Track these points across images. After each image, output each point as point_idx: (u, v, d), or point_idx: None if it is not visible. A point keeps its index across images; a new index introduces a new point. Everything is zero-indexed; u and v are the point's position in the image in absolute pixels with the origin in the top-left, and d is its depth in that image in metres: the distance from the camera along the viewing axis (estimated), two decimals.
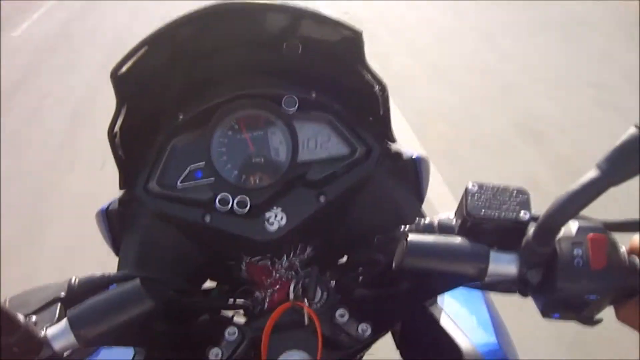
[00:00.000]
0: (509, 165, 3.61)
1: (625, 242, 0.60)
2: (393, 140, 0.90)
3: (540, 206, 0.60)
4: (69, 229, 3.30)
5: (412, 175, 0.92)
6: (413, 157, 0.92)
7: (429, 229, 0.69)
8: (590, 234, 0.58)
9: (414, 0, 7.26)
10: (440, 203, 3.05)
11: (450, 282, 0.69)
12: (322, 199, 0.85)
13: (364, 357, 0.88)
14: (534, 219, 0.62)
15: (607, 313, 0.59)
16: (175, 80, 0.89)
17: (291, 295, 0.77)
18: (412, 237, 0.62)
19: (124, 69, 0.78)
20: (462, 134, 4.03)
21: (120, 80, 0.79)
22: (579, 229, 0.58)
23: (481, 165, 3.62)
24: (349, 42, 0.81)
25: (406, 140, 3.80)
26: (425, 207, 0.91)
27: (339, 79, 0.89)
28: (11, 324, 0.57)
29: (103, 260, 1.33)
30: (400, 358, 0.96)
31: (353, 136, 0.89)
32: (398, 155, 0.91)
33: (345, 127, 0.89)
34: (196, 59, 0.88)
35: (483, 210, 0.62)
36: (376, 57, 4.93)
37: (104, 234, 0.94)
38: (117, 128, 0.82)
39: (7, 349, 0.59)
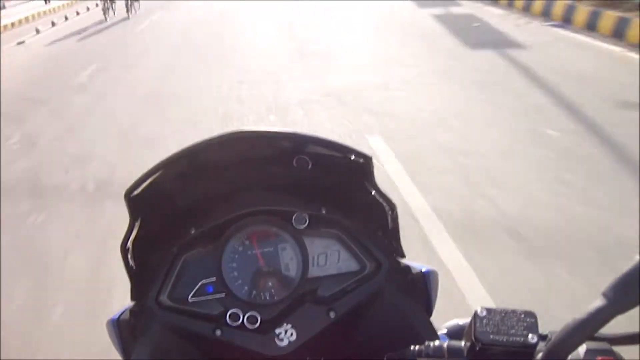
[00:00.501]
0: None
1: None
2: (402, 256, 0.92)
3: None
4: None
5: (421, 289, 0.93)
6: (422, 270, 0.93)
7: (438, 352, 0.69)
8: (599, 358, 0.58)
9: None
10: None
11: None
12: (332, 314, 0.86)
13: None
14: (542, 338, 0.62)
15: None
16: (187, 195, 0.92)
17: None
18: None
19: (137, 191, 0.81)
20: None
21: (134, 200, 0.82)
22: (587, 352, 0.59)
23: None
24: (358, 164, 0.85)
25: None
26: None
27: (348, 194, 0.92)
28: None
29: None
30: None
31: (362, 252, 0.90)
32: (407, 269, 0.92)
33: (355, 243, 0.90)
34: (209, 174, 0.92)
35: (491, 336, 0.63)
36: None
37: (115, 343, 0.93)
38: (129, 243, 0.85)
39: None
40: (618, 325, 0.60)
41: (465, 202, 3.70)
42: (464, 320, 0.87)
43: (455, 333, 0.89)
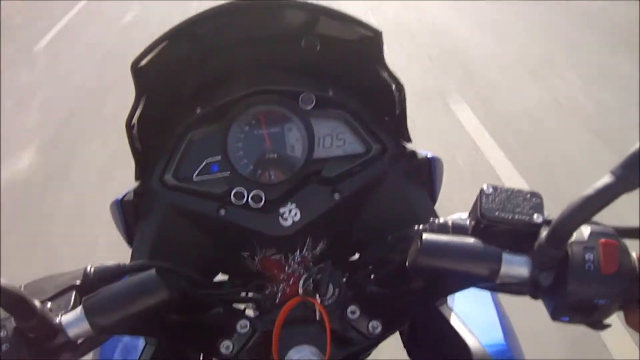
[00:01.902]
0: None
1: (637, 248, 0.60)
2: (408, 140, 0.91)
3: None
4: None
5: (425, 174, 0.93)
6: (427, 156, 0.93)
7: (442, 229, 0.69)
8: (602, 239, 0.58)
9: None
10: None
11: (462, 282, 0.70)
12: (336, 195, 0.86)
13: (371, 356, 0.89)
14: (546, 222, 0.62)
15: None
16: (194, 74, 0.90)
17: (300, 291, 0.78)
18: (426, 236, 0.62)
19: (144, 61, 0.79)
20: None
21: (140, 73, 0.80)
22: (591, 234, 0.59)
23: None
24: (368, 41, 0.81)
25: None
26: None
27: (356, 77, 0.89)
28: (27, 309, 0.59)
29: None
30: (408, 357, 0.97)
31: (369, 134, 0.89)
32: (412, 154, 0.92)
33: (361, 126, 0.89)
34: (215, 54, 0.89)
35: (497, 213, 0.63)
36: None
37: (118, 224, 0.95)
38: (134, 120, 0.83)
39: (23, 333, 0.60)
40: None
41: None
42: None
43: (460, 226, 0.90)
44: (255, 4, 0.80)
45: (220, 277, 0.97)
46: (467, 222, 0.68)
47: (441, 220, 0.71)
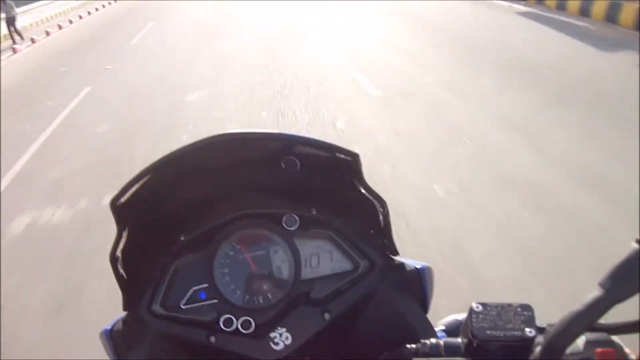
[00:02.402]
0: None
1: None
2: (395, 253, 0.91)
3: None
4: None
5: (416, 285, 0.92)
6: (417, 267, 0.92)
7: (435, 350, 0.68)
8: (598, 349, 0.57)
9: None
10: None
11: None
12: (326, 316, 0.85)
13: None
14: (539, 330, 0.62)
15: None
16: (175, 201, 0.91)
17: None
18: None
19: (123, 198, 0.79)
20: None
21: (120, 209, 0.80)
22: (586, 344, 0.58)
23: None
24: (346, 163, 0.84)
25: None
26: None
27: (338, 195, 0.91)
28: None
29: None
30: None
31: (355, 251, 0.89)
32: (401, 267, 0.91)
33: (347, 243, 0.90)
34: (197, 180, 0.91)
35: (488, 331, 0.62)
36: None
37: (108, 354, 0.92)
38: (118, 252, 0.83)
39: None
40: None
41: None
42: (462, 315, 0.86)
43: (453, 329, 0.88)
44: (236, 137, 0.83)
45: None
46: (460, 340, 0.67)
47: (433, 341, 0.70)
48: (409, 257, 0.91)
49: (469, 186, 4.06)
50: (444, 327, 0.91)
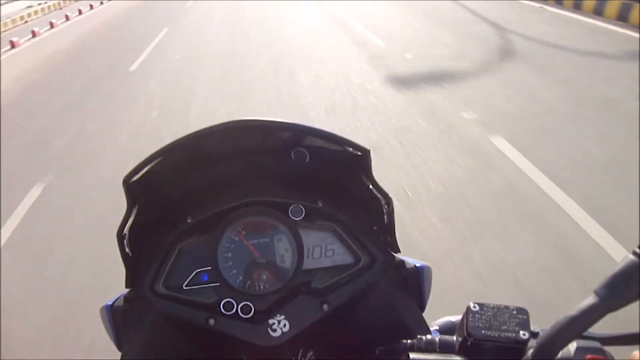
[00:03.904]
0: None
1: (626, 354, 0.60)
2: (397, 251, 0.92)
3: None
4: None
5: (415, 284, 0.94)
6: (416, 266, 0.94)
7: (430, 346, 0.69)
8: (588, 356, 0.59)
9: None
10: None
11: None
12: (325, 307, 0.86)
13: None
14: (533, 335, 0.63)
15: None
16: (185, 184, 0.93)
17: None
18: (413, 356, 0.63)
19: (136, 177, 0.82)
20: None
21: (132, 186, 0.82)
22: (577, 350, 0.60)
23: None
24: (356, 157, 0.85)
25: None
26: None
27: (345, 189, 0.92)
28: None
29: None
30: None
31: (357, 245, 0.91)
32: (401, 264, 0.93)
33: (350, 237, 0.91)
34: (207, 165, 0.92)
35: (483, 331, 0.63)
36: None
37: (108, 329, 0.94)
38: (126, 229, 0.85)
39: None
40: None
41: None
42: (456, 317, 0.88)
43: (446, 330, 0.90)
44: (250, 124, 0.84)
45: None
46: (455, 338, 0.68)
47: (429, 337, 0.71)
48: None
49: None
50: (437, 327, 0.93)
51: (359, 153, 0.84)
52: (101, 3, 19.08)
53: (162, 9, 16.59)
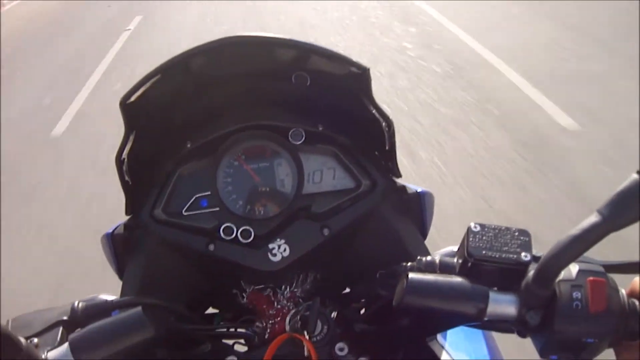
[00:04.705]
0: None
1: (626, 283, 0.60)
2: (398, 176, 0.91)
3: None
4: None
5: (416, 209, 0.93)
6: (417, 191, 0.93)
7: (430, 267, 0.69)
8: (590, 277, 0.58)
9: None
10: None
11: (450, 321, 0.70)
12: (325, 231, 0.86)
13: None
14: (535, 259, 0.62)
15: None
16: (184, 108, 0.91)
17: (287, 327, 0.77)
18: (413, 275, 0.62)
19: (133, 97, 0.79)
20: None
21: (129, 108, 0.80)
22: (579, 272, 0.59)
23: None
24: (356, 77, 0.82)
25: None
26: None
27: (346, 113, 0.90)
28: (12, 345, 0.58)
29: None
30: None
31: (358, 170, 0.90)
32: (402, 190, 0.92)
33: (351, 161, 0.90)
34: (206, 88, 0.90)
35: (484, 252, 0.63)
36: None
37: (108, 257, 0.95)
38: (124, 154, 0.84)
39: None
40: None
41: None
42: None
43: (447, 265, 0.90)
44: (249, 40, 0.81)
45: (211, 310, 0.96)
46: (455, 260, 0.68)
47: (429, 258, 0.71)
48: None
49: None
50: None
51: (359, 71, 0.81)
52: None
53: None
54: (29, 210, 3.69)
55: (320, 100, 0.91)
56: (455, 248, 0.70)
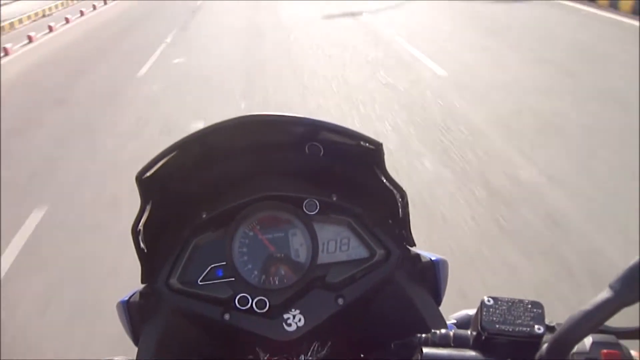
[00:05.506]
0: None
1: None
2: (412, 244, 0.92)
3: None
4: None
5: (430, 277, 0.93)
6: (432, 259, 0.93)
7: (444, 340, 0.69)
8: (604, 350, 0.58)
9: None
10: None
11: None
12: (340, 301, 0.86)
13: None
14: (548, 329, 0.62)
15: None
16: (200, 179, 0.93)
17: None
18: (427, 350, 0.63)
19: (149, 172, 0.82)
20: None
21: (145, 182, 0.82)
22: (593, 345, 0.59)
23: None
24: (369, 150, 0.85)
25: None
26: None
27: (359, 182, 0.92)
28: None
29: None
30: None
31: (372, 239, 0.90)
32: (417, 258, 0.92)
33: (365, 230, 0.91)
34: (222, 159, 0.92)
35: (497, 325, 0.63)
36: None
37: (124, 324, 0.95)
38: (140, 225, 0.85)
39: None
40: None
41: None
42: (473, 310, 0.87)
43: (463, 323, 0.89)
44: (264, 119, 0.84)
45: None
46: (469, 332, 0.68)
47: (443, 331, 0.71)
48: None
49: None
50: (455, 321, 0.92)
51: (372, 147, 0.83)
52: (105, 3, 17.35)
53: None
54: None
55: (333, 170, 0.93)
56: (469, 311, 0.70)
